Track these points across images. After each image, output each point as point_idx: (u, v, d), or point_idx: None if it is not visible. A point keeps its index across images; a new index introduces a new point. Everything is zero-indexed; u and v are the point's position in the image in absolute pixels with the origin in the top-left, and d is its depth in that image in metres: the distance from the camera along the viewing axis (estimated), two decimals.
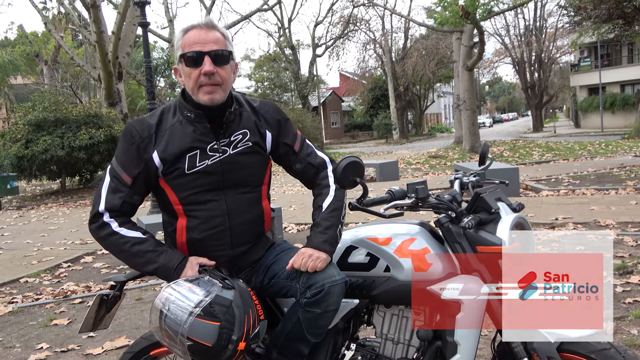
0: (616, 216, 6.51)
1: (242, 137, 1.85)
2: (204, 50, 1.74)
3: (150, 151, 1.79)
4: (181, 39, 1.79)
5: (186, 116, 1.82)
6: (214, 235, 1.83)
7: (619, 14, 16.86)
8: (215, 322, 1.60)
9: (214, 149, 1.81)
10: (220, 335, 1.60)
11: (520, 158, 16.24)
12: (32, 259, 6.96)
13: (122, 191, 1.80)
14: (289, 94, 42.07)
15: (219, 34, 1.79)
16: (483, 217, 1.75)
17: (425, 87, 45.26)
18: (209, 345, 1.59)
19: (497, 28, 40.63)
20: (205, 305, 1.61)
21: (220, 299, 1.63)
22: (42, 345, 3.80)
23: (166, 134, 1.80)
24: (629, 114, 30.50)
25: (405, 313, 1.87)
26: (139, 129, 1.81)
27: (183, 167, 1.78)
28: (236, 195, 1.85)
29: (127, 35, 16.79)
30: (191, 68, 1.76)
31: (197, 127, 1.81)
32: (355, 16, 36.09)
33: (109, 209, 1.79)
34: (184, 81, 1.82)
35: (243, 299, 1.68)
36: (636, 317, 3.39)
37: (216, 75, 1.76)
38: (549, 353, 1.61)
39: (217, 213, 1.82)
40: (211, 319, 1.60)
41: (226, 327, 1.61)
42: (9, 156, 14.59)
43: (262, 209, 1.92)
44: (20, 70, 29.05)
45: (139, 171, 1.79)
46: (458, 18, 16.15)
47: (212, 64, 1.74)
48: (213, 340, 1.59)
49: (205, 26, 1.78)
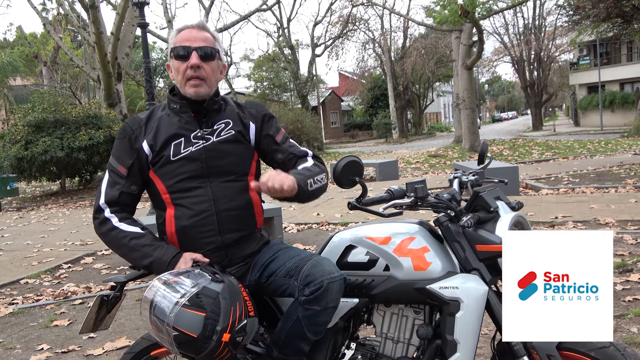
0: (616, 214, 6.51)
1: (225, 125, 1.95)
2: (192, 46, 1.88)
3: (140, 141, 1.91)
4: (174, 37, 1.94)
5: (172, 108, 1.96)
6: (201, 221, 1.87)
7: (617, 12, 16.85)
8: (201, 312, 1.61)
9: (198, 137, 1.91)
10: (205, 325, 1.61)
11: (520, 157, 16.25)
12: (33, 260, 6.97)
13: (119, 183, 1.91)
14: (288, 93, 42.08)
15: (209, 34, 1.95)
16: (482, 216, 1.75)
17: (424, 86, 45.30)
18: (194, 335, 1.60)
19: (496, 27, 40.60)
20: (192, 295, 1.62)
21: (208, 290, 1.65)
22: (43, 346, 3.80)
23: (155, 125, 1.93)
24: (628, 112, 30.53)
25: (405, 312, 1.88)
26: (130, 124, 1.96)
27: (168, 154, 1.88)
28: (221, 182, 1.90)
29: (126, 36, 16.79)
30: (180, 62, 1.90)
31: (182, 117, 1.93)
32: (354, 16, 36.10)
33: (108, 201, 1.90)
34: (173, 75, 1.95)
35: (231, 292, 1.69)
36: (636, 315, 3.39)
37: (202, 70, 1.89)
38: (548, 351, 1.62)
39: (203, 199, 1.87)
40: (197, 309, 1.61)
41: (211, 317, 1.61)
42: (9, 157, 14.59)
43: (250, 198, 1.95)
44: (19, 72, 29.04)
45: (132, 161, 1.91)
46: (457, 17, 16.16)
47: (199, 59, 1.88)
48: (198, 331, 1.60)
49: (197, 26, 1.94)
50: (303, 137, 27.67)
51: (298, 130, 26.60)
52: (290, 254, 1.92)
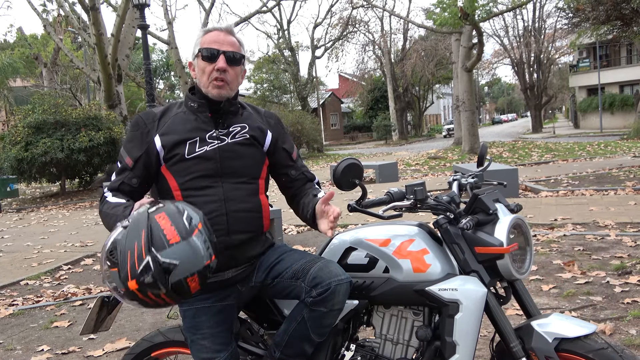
0: (615, 217, 6.52)
1: (241, 129, 1.96)
2: (220, 49, 1.90)
3: (152, 135, 1.91)
4: (201, 37, 1.94)
5: (190, 106, 1.96)
6: (210, 221, 1.85)
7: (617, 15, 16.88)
8: (114, 268, 1.57)
9: (213, 137, 1.92)
10: (120, 279, 1.55)
11: (520, 159, 16.26)
12: (33, 261, 6.97)
13: (124, 173, 1.93)
14: (288, 95, 42.09)
15: (236, 39, 1.96)
16: (481, 218, 1.76)
17: (424, 88, 45.35)
18: (123, 290, 1.56)
19: (496, 29, 40.70)
20: (107, 254, 1.59)
21: (115, 242, 1.59)
22: (43, 348, 3.81)
23: (169, 121, 1.94)
24: (628, 114, 30.55)
25: (405, 314, 1.88)
26: (144, 118, 1.96)
27: (183, 153, 1.88)
28: (233, 184, 1.91)
29: (126, 38, 16.82)
30: (206, 63, 1.90)
31: (199, 117, 1.94)
32: (354, 18, 36.17)
33: (110, 188, 1.94)
34: (196, 75, 1.96)
35: (129, 234, 1.57)
36: (635, 317, 3.40)
37: (227, 73, 1.90)
38: (547, 352, 1.63)
39: (214, 199, 1.88)
40: (113, 266, 1.57)
41: (122, 269, 1.55)
42: (9, 159, 14.60)
43: (260, 202, 1.96)
44: (19, 73, 29.04)
45: (141, 154, 1.91)
46: (457, 19, 16.18)
47: (226, 62, 1.89)
48: (120, 285, 1.56)
49: (225, 30, 1.96)
50: (303, 139, 27.71)
51: (298, 132, 26.62)
52: (297, 257, 1.93)
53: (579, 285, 4.15)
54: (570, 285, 4.19)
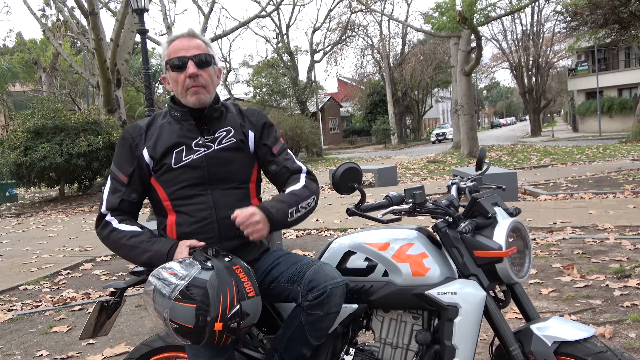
0: (614, 220, 6.53)
1: (226, 133, 1.95)
2: (187, 55, 1.88)
3: (140, 148, 1.92)
4: (167, 49, 1.93)
5: (174, 116, 1.96)
6: (201, 229, 1.88)
7: (615, 19, 16.95)
8: (192, 304, 1.63)
9: (199, 145, 1.91)
10: (197, 316, 1.63)
11: (519, 162, 16.27)
12: (31, 266, 6.96)
13: (120, 190, 1.92)
14: (287, 99, 42.14)
15: (201, 41, 1.94)
16: (480, 222, 1.76)
17: (423, 92, 45.40)
18: (190, 327, 1.64)
19: (495, 33, 40.79)
20: (182, 288, 1.65)
21: (197, 281, 1.66)
22: (42, 353, 3.80)
23: (155, 133, 1.94)
24: (626, 117, 30.60)
25: (404, 317, 1.88)
26: (131, 131, 1.97)
27: (170, 162, 1.89)
28: (222, 190, 1.92)
29: (125, 43, 16.82)
30: (177, 72, 1.90)
31: (184, 125, 1.94)
32: (353, 22, 36.25)
33: (110, 208, 1.92)
34: (172, 87, 1.95)
35: (219, 279, 1.68)
36: (634, 321, 3.40)
37: (200, 78, 1.89)
38: (546, 356, 1.62)
39: (204, 207, 1.89)
40: (188, 301, 1.63)
41: (202, 308, 1.63)
42: (8, 163, 14.59)
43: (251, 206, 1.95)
44: (18, 78, 29.10)
45: (133, 169, 1.92)
46: (455, 23, 16.22)
47: (196, 67, 1.88)
48: (192, 322, 1.64)
49: (187, 35, 1.93)
50: (302, 143, 27.70)
51: (297, 136, 26.61)
52: (292, 260, 1.93)
53: (578, 289, 4.15)
54: (569, 288, 4.19)
